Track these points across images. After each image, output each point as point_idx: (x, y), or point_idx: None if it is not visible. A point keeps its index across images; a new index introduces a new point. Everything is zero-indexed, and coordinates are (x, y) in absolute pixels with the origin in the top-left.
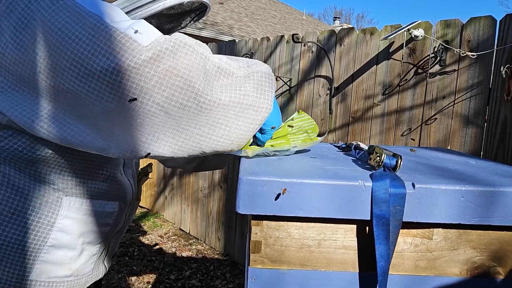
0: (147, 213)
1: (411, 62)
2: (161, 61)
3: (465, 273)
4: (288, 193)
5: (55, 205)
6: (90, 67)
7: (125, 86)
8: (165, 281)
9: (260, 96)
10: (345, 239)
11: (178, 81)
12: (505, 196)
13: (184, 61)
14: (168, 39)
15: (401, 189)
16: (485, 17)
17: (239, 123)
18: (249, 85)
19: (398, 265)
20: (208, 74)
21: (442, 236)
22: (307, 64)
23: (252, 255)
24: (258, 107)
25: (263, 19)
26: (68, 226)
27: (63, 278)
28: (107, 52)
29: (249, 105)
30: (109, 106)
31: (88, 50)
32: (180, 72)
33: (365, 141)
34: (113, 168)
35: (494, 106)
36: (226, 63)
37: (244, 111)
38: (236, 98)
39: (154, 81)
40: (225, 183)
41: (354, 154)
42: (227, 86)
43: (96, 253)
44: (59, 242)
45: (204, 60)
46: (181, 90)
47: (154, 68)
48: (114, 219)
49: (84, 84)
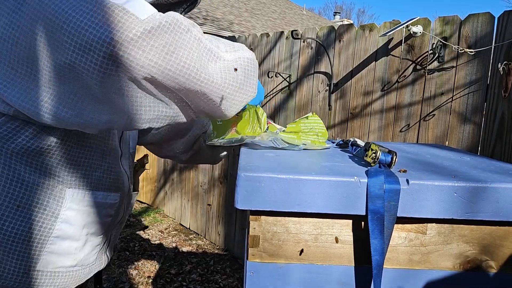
0: (148, 208)
1: (410, 59)
2: (158, 36)
3: (458, 267)
4: (286, 189)
5: (59, 197)
6: (87, 39)
7: (121, 58)
8: (165, 275)
9: (247, 80)
10: (341, 234)
11: (174, 57)
12: (497, 192)
13: (179, 40)
14: (165, 15)
15: (396, 185)
16: (483, 13)
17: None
18: (237, 70)
19: (392, 259)
20: (201, 55)
21: (436, 230)
22: (306, 60)
23: (250, 249)
24: (246, 91)
25: (263, 14)
26: (72, 217)
27: (68, 268)
28: (104, 24)
29: (238, 88)
30: (106, 78)
31: (85, 23)
32: (176, 49)
33: (363, 137)
34: (113, 160)
35: (492, 102)
36: (216, 46)
37: (233, 93)
38: (228, 79)
39: (151, 55)
40: (225, 178)
41: (351, 150)
42: (220, 69)
43: (99, 244)
44: (64, 233)
45: (198, 41)
46: (177, 66)
47: (151, 43)
48: (115, 209)
49: (82, 57)
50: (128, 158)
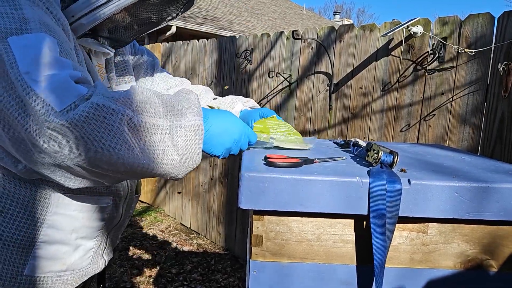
0: (148, 208)
1: (410, 59)
2: (74, 128)
3: (459, 266)
4: (289, 189)
5: (43, 202)
6: (18, 133)
7: (44, 150)
8: (166, 275)
9: (185, 155)
10: (343, 233)
11: (95, 146)
12: (497, 192)
13: (102, 125)
14: (85, 104)
15: (397, 185)
16: (483, 14)
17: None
18: (171, 143)
19: (394, 258)
20: (135, 132)
21: (437, 230)
22: (307, 60)
23: (253, 248)
24: (182, 163)
25: (263, 14)
26: (58, 222)
27: (58, 272)
28: (30, 117)
29: (172, 160)
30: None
31: (15, 116)
32: (97, 137)
33: (364, 137)
34: None
35: (492, 102)
36: (151, 115)
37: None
38: (155, 154)
39: (68, 147)
40: (226, 178)
41: (352, 150)
42: (153, 144)
43: (93, 248)
44: (50, 238)
45: (128, 119)
46: (100, 154)
47: (67, 135)
48: (108, 213)
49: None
50: None
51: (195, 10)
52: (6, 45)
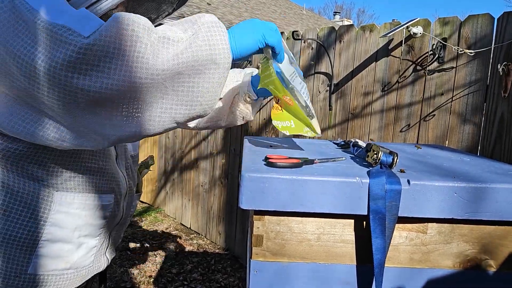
0: (148, 208)
1: (410, 59)
2: (103, 48)
3: (458, 266)
4: (289, 190)
5: (46, 201)
6: (31, 64)
7: (71, 78)
8: (167, 275)
9: (214, 47)
10: (343, 233)
11: (126, 60)
12: (496, 192)
13: (127, 40)
14: (105, 23)
15: (397, 185)
16: (483, 14)
17: (200, 82)
18: (199, 41)
19: (394, 258)
20: (154, 46)
21: (436, 230)
22: (307, 60)
23: (254, 248)
24: (216, 59)
25: (263, 14)
26: (61, 220)
27: (62, 271)
28: (49, 47)
29: (206, 60)
30: (59, 102)
31: (28, 49)
32: (126, 52)
33: (364, 137)
34: (103, 161)
35: (492, 103)
36: (171, 30)
37: (203, 69)
38: (189, 60)
39: (101, 67)
40: (226, 178)
41: (352, 151)
42: (179, 53)
43: (95, 246)
44: (53, 236)
45: (148, 31)
46: (131, 69)
47: (98, 55)
48: (110, 211)
49: (33, 84)
50: (125, 159)
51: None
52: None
